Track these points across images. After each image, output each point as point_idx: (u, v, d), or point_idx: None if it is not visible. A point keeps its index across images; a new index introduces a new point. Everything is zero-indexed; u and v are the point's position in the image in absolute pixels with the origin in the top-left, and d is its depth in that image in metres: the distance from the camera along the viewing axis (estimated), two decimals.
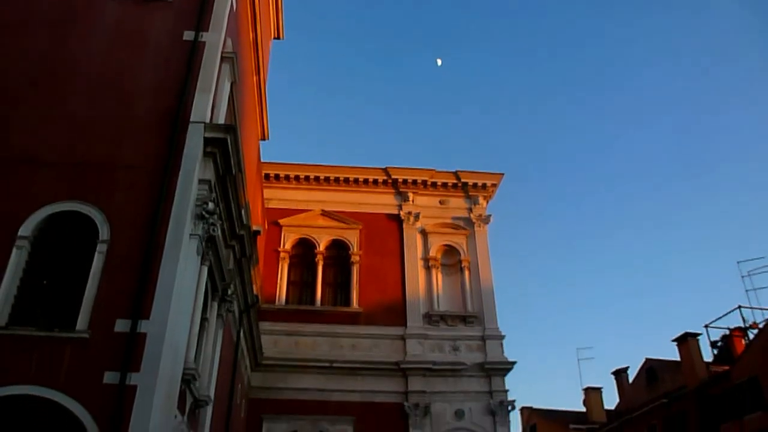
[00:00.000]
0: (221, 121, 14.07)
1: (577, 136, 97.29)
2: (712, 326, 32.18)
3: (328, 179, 28.47)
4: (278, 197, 28.02)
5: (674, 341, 29.48)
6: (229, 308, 16.43)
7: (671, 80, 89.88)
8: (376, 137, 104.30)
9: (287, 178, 28.31)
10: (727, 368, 27.06)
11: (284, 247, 27.17)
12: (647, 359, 34.92)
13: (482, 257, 27.49)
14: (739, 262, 56.35)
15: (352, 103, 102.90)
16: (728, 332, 30.86)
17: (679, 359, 29.93)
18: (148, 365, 10.29)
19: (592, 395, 39.10)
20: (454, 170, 28.96)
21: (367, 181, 28.65)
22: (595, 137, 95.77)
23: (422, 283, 26.84)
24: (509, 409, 24.23)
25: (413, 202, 28.61)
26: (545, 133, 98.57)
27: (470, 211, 28.64)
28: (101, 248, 11.38)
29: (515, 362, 24.95)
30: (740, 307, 30.59)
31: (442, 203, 28.96)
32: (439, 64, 77.98)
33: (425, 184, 28.82)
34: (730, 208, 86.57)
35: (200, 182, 12.31)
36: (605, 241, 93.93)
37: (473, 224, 28.23)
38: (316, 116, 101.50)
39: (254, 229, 17.79)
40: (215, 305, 15.19)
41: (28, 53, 13.65)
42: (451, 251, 27.93)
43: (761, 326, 28.83)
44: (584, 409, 39.61)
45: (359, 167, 28.94)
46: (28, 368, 10.12)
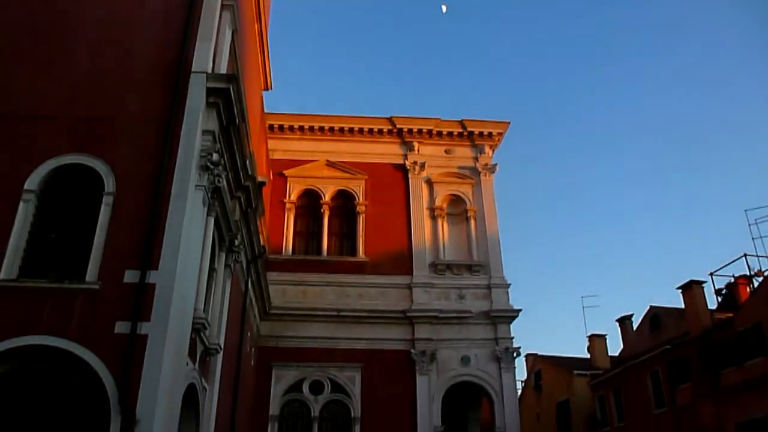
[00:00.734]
0: (223, 70, 13.87)
1: (585, 86, 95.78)
2: (717, 274, 32.25)
3: (332, 129, 28.20)
4: (283, 148, 27.85)
5: (679, 289, 29.61)
6: (236, 259, 16.57)
7: (678, 21, 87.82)
8: (380, 87, 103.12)
9: (291, 128, 28.06)
10: (731, 315, 27.22)
11: (290, 197, 27.16)
12: (651, 307, 35.17)
13: (488, 206, 27.44)
14: (746, 210, 56.06)
15: (355, 52, 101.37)
16: (733, 280, 30.94)
17: (683, 307, 30.13)
18: (158, 315, 10.50)
19: (596, 342, 39.53)
20: (459, 119, 28.65)
21: (372, 130, 28.38)
22: (603, 88, 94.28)
23: (428, 232, 26.90)
24: (514, 355, 24.57)
25: (419, 151, 28.42)
26: (552, 81, 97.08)
27: (476, 160, 28.45)
28: (107, 200, 11.46)
29: (520, 310, 25.23)
30: (746, 255, 30.53)
31: (447, 152, 28.75)
32: (444, 10, 76.09)
33: (431, 133, 28.55)
34: (738, 155, 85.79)
35: (204, 133, 12.26)
36: (612, 191, 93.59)
37: (479, 173, 28.08)
38: (319, 66, 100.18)
39: (259, 179, 17.76)
40: (223, 256, 15.33)
41: (28, 7, 13.47)
42: (456, 201, 27.89)
43: (767, 274, 28.86)
44: (588, 355, 40.16)
45: (364, 117, 28.61)
46: (40, 319, 10.34)
